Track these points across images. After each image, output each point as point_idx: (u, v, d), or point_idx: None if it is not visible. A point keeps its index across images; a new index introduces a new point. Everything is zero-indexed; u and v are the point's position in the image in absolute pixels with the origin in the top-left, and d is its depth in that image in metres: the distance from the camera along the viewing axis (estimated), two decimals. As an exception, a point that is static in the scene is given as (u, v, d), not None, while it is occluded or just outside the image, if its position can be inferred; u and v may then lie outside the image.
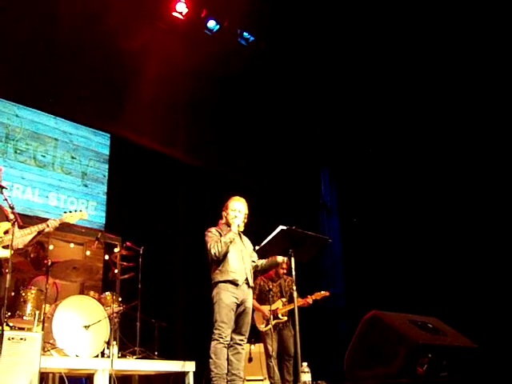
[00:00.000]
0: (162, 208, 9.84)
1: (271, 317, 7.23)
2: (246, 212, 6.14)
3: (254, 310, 7.58)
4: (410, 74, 9.25)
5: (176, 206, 9.94)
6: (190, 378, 6.63)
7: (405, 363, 3.90)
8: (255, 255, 6.13)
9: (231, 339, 5.68)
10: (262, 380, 7.86)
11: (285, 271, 7.61)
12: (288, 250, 5.34)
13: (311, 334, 5.82)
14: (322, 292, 7.52)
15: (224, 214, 6.13)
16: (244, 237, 6.23)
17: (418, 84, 9.28)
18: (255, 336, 7.87)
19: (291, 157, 11.21)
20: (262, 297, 7.58)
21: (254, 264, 6.14)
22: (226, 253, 5.81)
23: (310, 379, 5.00)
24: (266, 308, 7.41)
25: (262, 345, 7.76)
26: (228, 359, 5.64)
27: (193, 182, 10.20)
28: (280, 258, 6.05)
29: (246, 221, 6.12)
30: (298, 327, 5.14)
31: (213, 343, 5.59)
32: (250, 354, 8.05)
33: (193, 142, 10.35)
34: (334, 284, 10.97)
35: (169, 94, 9.96)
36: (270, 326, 7.27)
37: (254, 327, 7.58)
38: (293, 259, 5.33)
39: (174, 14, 9.62)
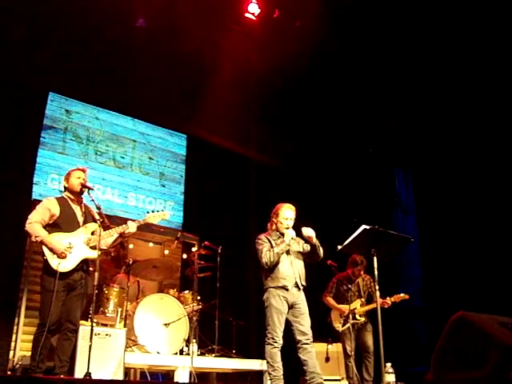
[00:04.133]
0: (236, 207, 9.92)
1: (350, 316, 7.17)
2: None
3: (331, 310, 7.57)
4: (490, 70, 9.00)
5: (249, 205, 9.99)
6: (268, 377, 6.65)
7: (496, 367, 3.76)
8: (307, 246, 6.03)
9: (298, 341, 5.69)
10: (339, 380, 7.80)
11: (362, 271, 7.52)
12: (370, 250, 5.31)
13: (386, 334, 5.76)
14: (402, 295, 7.38)
15: (274, 220, 6.06)
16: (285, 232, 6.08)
17: (498, 79, 9.01)
18: (332, 336, 7.83)
19: (365, 155, 11.09)
20: (339, 295, 7.54)
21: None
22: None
23: (394, 380, 4.93)
24: (343, 307, 7.37)
25: (339, 344, 7.71)
26: (301, 360, 5.65)
27: (265, 181, 10.22)
28: (304, 231, 5.93)
29: None
30: (380, 327, 5.10)
31: (267, 347, 5.66)
32: (328, 353, 8.00)
33: (265, 141, 10.37)
34: (410, 283, 10.80)
35: (242, 94, 10.04)
36: (347, 325, 7.24)
37: (332, 327, 7.57)
38: (375, 259, 5.29)
39: (247, 15, 9.65)
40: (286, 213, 5.98)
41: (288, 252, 5.90)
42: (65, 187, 5.64)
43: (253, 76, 10.14)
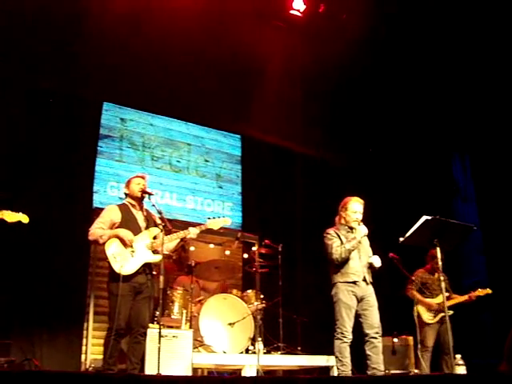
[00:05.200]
0: (294, 204, 9.92)
1: (442, 308, 7.13)
2: None
3: (416, 303, 7.49)
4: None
5: (308, 202, 9.97)
6: (335, 373, 6.55)
7: None
8: (370, 251, 6.03)
9: (366, 335, 5.67)
10: (407, 373, 7.73)
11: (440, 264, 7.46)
12: (432, 240, 5.25)
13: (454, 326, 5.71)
14: (487, 289, 7.35)
15: (343, 214, 6.00)
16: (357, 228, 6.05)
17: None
18: (398, 328, 7.77)
19: (419, 143, 10.89)
20: (422, 289, 7.49)
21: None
22: None
23: (464, 372, 4.87)
24: (432, 301, 7.36)
25: (405, 337, 7.67)
26: (366, 354, 5.63)
27: (322, 177, 10.18)
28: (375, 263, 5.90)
29: None
30: (447, 318, 5.07)
31: (336, 342, 5.65)
32: (394, 346, 7.93)
33: (319, 136, 10.33)
34: (474, 273, 10.58)
35: (292, 91, 10.03)
36: (437, 318, 7.25)
37: (396, 320, 7.51)
38: (438, 249, 5.23)
39: (292, 11, 9.65)
40: (355, 206, 5.95)
41: (358, 248, 5.88)
42: (126, 194, 5.76)
43: (301, 72, 10.11)
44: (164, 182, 9.10)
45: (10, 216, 5.15)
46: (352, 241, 5.77)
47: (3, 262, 6.87)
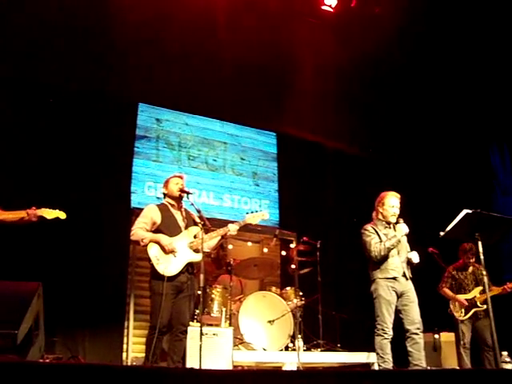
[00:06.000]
0: (330, 200, 9.89)
1: (473, 304, 7.10)
2: None
3: (449, 300, 7.44)
4: None
5: (345, 198, 9.93)
6: (376, 369, 6.56)
7: None
8: (408, 246, 5.97)
9: (407, 331, 5.63)
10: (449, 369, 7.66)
11: (472, 259, 7.37)
12: (474, 234, 5.19)
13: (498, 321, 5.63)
14: None
15: (380, 209, 5.98)
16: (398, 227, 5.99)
17: None
18: (439, 325, 7.70)
19: (456, 134, 10.74)
20: (455, 285, 7.45)
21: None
22: None
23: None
24: (463, 297, 7.29)
25: (447, 334, 7.60)
26: (407, 350, 5.60)
27: (358, 173, 10.13)
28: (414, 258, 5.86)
29: None
30: (491, 314, 4.99)
31: (377, 338, 5.64)
32: (435, 343, 7.86)
33: (354, 132, 10.28)
34: (515, 267, 10.42)
35: (326, 87, 9.97)
36: (469, 314, 7.17)
37: (438, 316, 7.45)
38: (480, 243, 5.17)
39: (324, 7, 9.61)
40: (392, 200, 5.93)
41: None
42: (164, 194, 5.80)
43: (335, 68, 10.05)
44: (201, 181, 9.16)
45: (49, 213, 5.31)
46: (392, 239, 5.74)
47: (47, 263, 7.00)
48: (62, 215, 5.44)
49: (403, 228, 5.79)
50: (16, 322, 2.99)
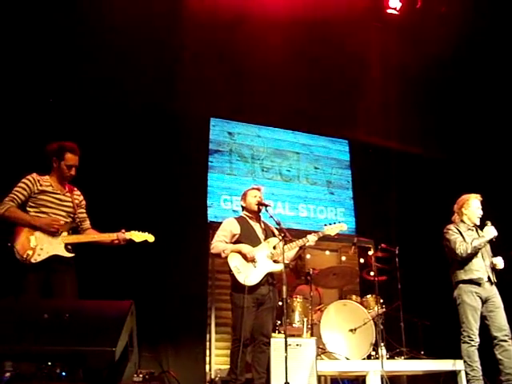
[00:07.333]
0: (408, 206, 9.73)
1: None
2: None
3: None
4: None
5: (422, 202, 9.75)
6: (463, 377, 6.29)
7: None
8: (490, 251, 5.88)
9: (494, 338, 5.54)
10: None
11: None
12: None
13: None
14: None
15: (464, 211, 6.00)
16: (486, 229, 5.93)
17: None
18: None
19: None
20: None
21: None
22: None
23: None
24: None
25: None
26: (497, 359, 5.48)
27: (433, 177, 9.92)
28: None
29: None
30: None
31: (464, 346, 5.57)
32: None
33: (425, 136, 10.10)
34: None
35: (395, 91, 9.86)
36: None
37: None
38: None
39: (388, 10, 9.54)
40: (476, 203, 5.97)
41: None
42: (242, 207, 5.90)
43: (401, 71, 9.93)
44: (276, 192, 9.21)
45: (138, 236, 5.26)
46: (481, 238, 5.69)
47: (127, 280, 7.13)
48: (151, 238, 5.33)
49: (491, 231, 5.73)
50: (113, 339, 3.10)
